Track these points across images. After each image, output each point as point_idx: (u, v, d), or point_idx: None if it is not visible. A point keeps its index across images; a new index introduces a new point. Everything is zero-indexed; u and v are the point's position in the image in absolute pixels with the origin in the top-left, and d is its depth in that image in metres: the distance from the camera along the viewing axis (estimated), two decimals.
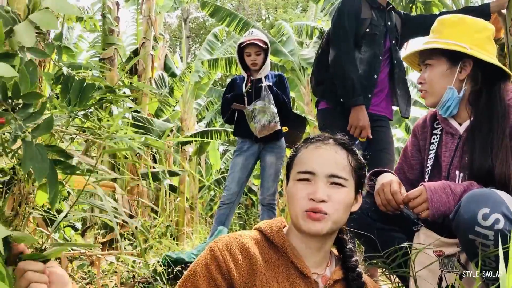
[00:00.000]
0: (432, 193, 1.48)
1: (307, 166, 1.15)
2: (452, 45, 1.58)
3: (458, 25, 1.63)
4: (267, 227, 1.20)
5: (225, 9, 8.58)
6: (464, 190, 1.45)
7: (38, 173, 0.99)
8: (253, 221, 10.57)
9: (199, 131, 8.89)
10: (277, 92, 3.53)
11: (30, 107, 1.03)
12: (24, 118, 1.02)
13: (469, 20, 1.64)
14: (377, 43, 2.69)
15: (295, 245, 1.17)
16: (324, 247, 1.17)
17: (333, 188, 1.13)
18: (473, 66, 1.59)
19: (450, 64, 1.61)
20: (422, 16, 3.04)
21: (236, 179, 3.58)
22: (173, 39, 21.74)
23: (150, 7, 7.40)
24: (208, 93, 11.01)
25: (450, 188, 1.47)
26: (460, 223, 1.33)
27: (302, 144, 1.24)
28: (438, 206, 1.47)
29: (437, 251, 1.45)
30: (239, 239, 1.15)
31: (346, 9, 2.66)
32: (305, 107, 8.87)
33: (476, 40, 1.58)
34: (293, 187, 1.16)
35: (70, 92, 1.30)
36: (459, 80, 1.60)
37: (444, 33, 1.64)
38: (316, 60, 2.94)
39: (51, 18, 1.01)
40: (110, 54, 5.89)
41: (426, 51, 1.66)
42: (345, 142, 1.21)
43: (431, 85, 1.64)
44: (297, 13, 21.73)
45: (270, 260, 1.14)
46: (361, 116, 2.53)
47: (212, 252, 1.12)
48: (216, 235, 3.19)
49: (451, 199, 1.46)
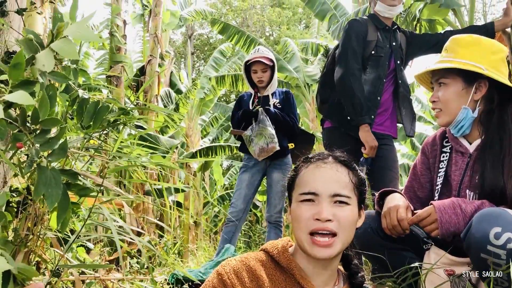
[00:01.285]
0: (441, 214, 1.47)
1: (310, 187, 1.15)
2: (468, 65, 1.58)
3: (474, 45, 1.64)
4: (273, 248, 1.19)
5: (234, 27, 8.72)
6: (476, 209, 1.45)
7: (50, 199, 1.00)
8: (257, 238, 10.51)
9: (205, 147, 8.92)
10: (276, 112, 3.53)
11: (48, 132, 1.05)
12: (41, 144, 1.04)
13: (485, 41, 1.65)
14: (382, 65, 2.73)
15: (301, 265, 1.16)
16: (331, 266, 1.17)
17: (338, 207, 1.12)
18: (488, 87, 1.60)
19: (465, 84, 1.61)
20: (428, 34, 3.07)
21: (242, 195, 3.57)
22: (177, 56, 21.93)
23: (156, 25, 7.49)
24: (213, 109, 11.08)
25: (460, 208, 1.47)
26: (472, 242, 1.33)
27: (302, 164, 1.23)
28: (448, 226, 1.47)
29: (448, 270, 1.45)
30: (246, 262, 1.15)
31: (354, 31, 2.71)
32: (310, 124, 8.90)
33: (492, 61, 1.59)
34: (297, 208, 1.15)
35: (85, 114, 1.33)
36: (474, 100, 1.61)
37: (459, 53, 1.64)
38: (321, 79, 2.98)
39: (72, 47, 1.03)
40: (117, 72, 5.95)
41: (441, 70, 1.66)
42: (345, 159, 1.21)
43: (445, 104, 1.64)
44: (300, 30, 21.93)
45: (277, 281, 1.13)
46: (369, 136, 2.56)
47: (220, 276, 1.11)
48: (223, 253, 3.18)
49: (461, 219, 1.45)
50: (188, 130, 9.51)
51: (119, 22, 6.32)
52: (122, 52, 6.23)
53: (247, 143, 3.50)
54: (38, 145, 1.03)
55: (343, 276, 1.23)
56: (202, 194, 9.25)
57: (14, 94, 0.89)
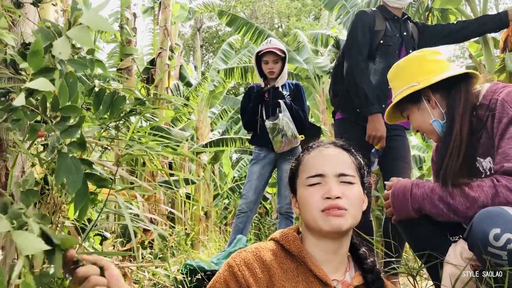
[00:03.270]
0: (393, 199, 1.56)
1: (316, 170, 1.17)
2: (402, 92, 1.69)
3: (398, 73, 1.77)
4: (283, 236, 1.20)
5: (242, 18, 8.67)
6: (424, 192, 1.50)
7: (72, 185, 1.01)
8: (267, 229, 10.54)
9: (215, 139, 8.94)
10: (291, 104, 3.55)
11: (68, 120, 1.06)
12: (61, 131, 1.05)
13: (402, 63, 1.77)
14: (391, 54, 2.71)
15: (311, 251, 1.17)
16: (340, 250, 1.17)
17: (344, 186, 1.14)
18: (433, 91, 1.65)
19: (415, 104, 1.69)
20: (440, 25, 3.04)
21: (253, 187, 3.59)
22: (186, 49, 21.94)
23: (166, 17, 7.49)
24: (222, 101, 11.09)
25: (411, 192, 1.53)
26: (474, 243, 1.32)
27: (304, 152, 1.26)
28: (399, 212, 1.56)
29: (473, 265, 1.44)
30: (256, 253, 1.15)
31: (360, 23, 2.71)
32: (320, 115, 8.87)
33: (419, 72, 1.67)
34: (305, 192, 1.17)
35: (102, 104, 1.34)
36: (433, 109, 1.66)
37: (396, 86, 1.76)
38: (333, 72, 2.98)
39: (87, 34, 1.04)
40: (127, 65, 5.96)
41: (398, 108, 1.77)
42: (344, 144, 1.25)
43: (421, 128, 1.72)
44: (309, 22, 21.80)
45: (288, 270, 1.13)
46: (378, 125, 2.54)
47: (230, 268, 1.12)
48: (235, 244, 3.20)
49: (409, 204, 1.52)
50: (198, 123, 9.53)
51: (128, 15, 6.32)
52: (132, 45, 6.24)
53: (270, 133, 3.48)
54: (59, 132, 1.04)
55: (353, 263, 1.23)
56: (212, 186, 9.29)
57: (35, 81, 0.90)
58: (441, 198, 1.46)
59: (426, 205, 1.50)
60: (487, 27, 2.87)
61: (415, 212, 1.54)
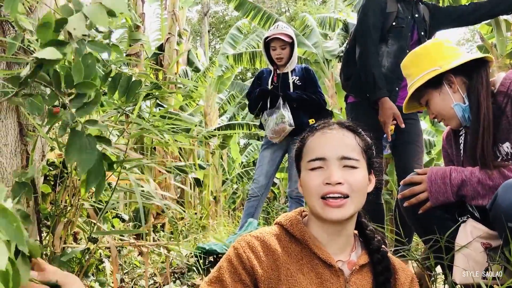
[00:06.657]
0: (431, 184, 1.60)
1: (317, 153, 1.13)
2: (424, 76, 1.72)
3: (415, 60, 1.79)
4: (286, 220, 1.19)
5: (250, 2, 8.57)
6: (462, 179, 1.56)
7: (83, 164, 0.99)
8: (275, 214, 10.60)
9: (223, 125, 8.95)
10: (298, 94, 3.55)
11: (84, 97, 1.04)
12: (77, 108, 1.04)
13: (419, 50, 1.81)
14: (404, 36, 2.69)
15: (315, 234, 1.16)
16: (345, 231, 1.16)
17: (347, 170, 1.11)
18: (455, 75, 1.68)
19: (437, 89, 1.73)
20: (451, 6, 3.00)
21: (264, 172, 3.62)
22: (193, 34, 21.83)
23: (174, 2, 7.45)
24: (230, 87, 11.05)
25: (450, 177, 1.58)
26: (498, 213, 1.34)
27: (308, 133, 1.22)
28: (437, 196, 1.59)
29: (484, 243, 1.46)
30: (260, 237, 1.15)
31: (371, 5, 2.68)
32: (329, 100, 8.82)
33: (439, 57, 1.70)
34: (306, 176, 1.14)
35: (118, 89, 1.36)
36: (455, 93, 1.69)
37: (413, 73, 1.78)
38: (344, 56, 2.96)
39: (103, 14, 1.03)
40: (136, 50, 5.98)
41: (416, 95, 1.79)
42: (350, 124, 1.20)
43: (441, 113, 1.74)
44: (316, 6, 21.55)
45: (293, 253, 1.14)
46: (387, 107, 2.52)
47: (236, 250, 1.13)
48: (246, 227, 3.24)
49: (449, 189, 1.57)
50: (207, 108, 9.54)
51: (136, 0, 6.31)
52: (140, 31, 6.23)
53: (264, 127, 3.61)
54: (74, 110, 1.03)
55: (360, 242, 1.22)
56: (221, 171, 9.33)
57: (43, 51, 0.89)
58: (479, 180, 1.52)
59: (466, 189, 1.55)
60: (500, 9, 2.83)
61: (454, 197, 1.57)
